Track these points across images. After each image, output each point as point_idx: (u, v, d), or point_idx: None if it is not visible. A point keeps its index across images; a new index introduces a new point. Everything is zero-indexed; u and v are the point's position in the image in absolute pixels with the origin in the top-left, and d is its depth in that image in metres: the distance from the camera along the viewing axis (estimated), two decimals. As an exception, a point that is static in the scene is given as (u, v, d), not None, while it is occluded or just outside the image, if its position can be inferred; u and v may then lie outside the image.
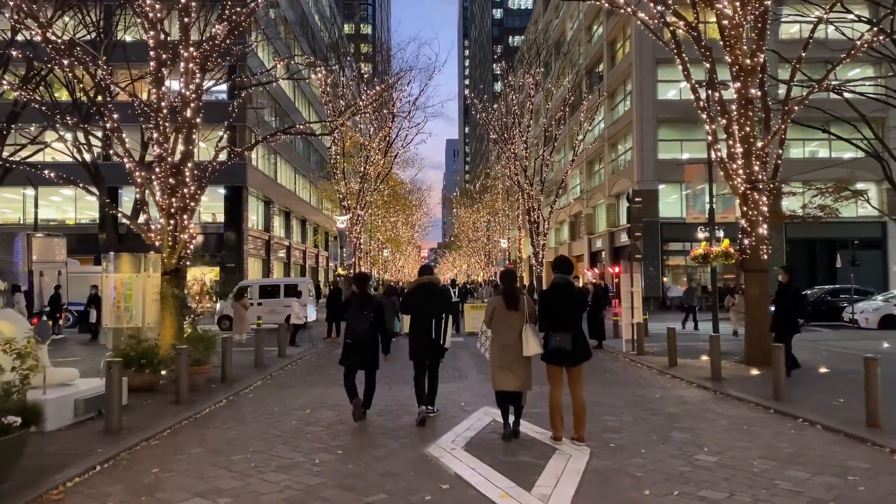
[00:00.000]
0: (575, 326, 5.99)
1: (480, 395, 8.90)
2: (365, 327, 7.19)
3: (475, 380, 10.46)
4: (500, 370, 6.17)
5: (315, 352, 15.19)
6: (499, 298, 6.30)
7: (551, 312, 6.00)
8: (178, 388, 8.43)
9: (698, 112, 13.32)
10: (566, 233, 51.80)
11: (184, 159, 11.94)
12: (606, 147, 40.22)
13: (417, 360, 7.32)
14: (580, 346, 5.96)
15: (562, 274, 6.11)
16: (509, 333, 6.13)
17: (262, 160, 40.40)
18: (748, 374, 11.04)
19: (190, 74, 12.05)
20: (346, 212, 36.38)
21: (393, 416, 7.69)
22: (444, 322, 7.13)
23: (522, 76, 36.81)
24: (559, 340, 5.87)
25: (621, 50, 38.99)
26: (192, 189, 12.03)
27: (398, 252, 68.63)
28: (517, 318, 6.12)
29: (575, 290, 6.07)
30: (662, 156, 34.78)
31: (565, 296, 6.00)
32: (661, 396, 8.92)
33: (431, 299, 7.18)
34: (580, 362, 6.00)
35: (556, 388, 6.07)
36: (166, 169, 11.61)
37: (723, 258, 13.55)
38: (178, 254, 11.61)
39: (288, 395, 9.28)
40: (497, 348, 6.21)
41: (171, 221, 11.71)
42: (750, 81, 12.29)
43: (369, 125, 38.06)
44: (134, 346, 9.27)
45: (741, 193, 12.29)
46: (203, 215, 37.49)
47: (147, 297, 10.36)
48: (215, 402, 8.64)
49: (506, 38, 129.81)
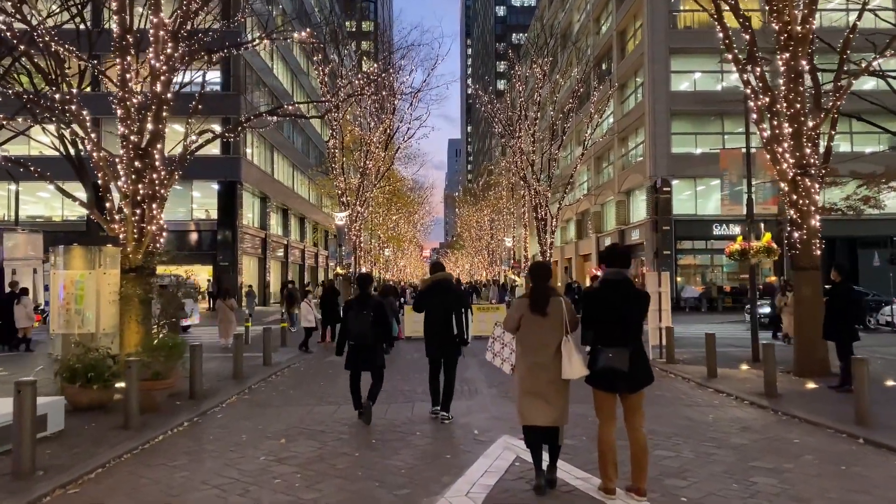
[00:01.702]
0: (634, 339, 4.44)
1: (496, 419, 7.34)
2: (367, 328, 7.04)
3: (487, 396, 8.89)
4: (529, 398, 4.62)
5: (305, 359, 13.62)
6: (524, 301, 4.75)
7: (601, 320, 4.46)
8: (126, 410, 6.89)
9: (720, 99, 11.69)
10: (573, 231, 50.21)
11: (152, 140, 10.41)
12: (616, 142, 38.65)
13: (432, 358, 7.31)
14: (640, 366, 4.41)
15: (617, 268, 4.55)
16: (542, 349, 4.59)
17: (257, 155, 38.89)
18: (803, 387, 9.49)
19: (161, 44, 10.55)
20: (344, 208, 34.86)
21: (387, 448, 6.13)
22: (462, 316, 7.11)
23: (530, 66, 35.28)
24: (612, 358, 4.31)
25: (632, 40, 37.42)
26: (161, 174, 10.51)
27: (400, 251, 67.11)
28: (552, 328, 4.58)
29: (634, 291, 4.51)
30: (676, 150, 33.21)
31: (622, 298, 4.44)
32: (714, 419, 7.36)
33: (445, 296, 7.17)
34: (641, 387, 4.45)
35: (607, 423, 4.50)
36: (130, 149, 10.10)
37: (764, 254, 12.00)
38: (146, 248, 10.09)
39: (264, 415, 7.73)
40: (525, 368, 4.66)
41: (136, 211, 10.20)
42: (801, 51, 10.71)
43: (370, 119, 36.53)
44: (80, 355, 7.74)
45: (790, 180, 10.73)
46: (196, 212, 36.02)
47: (102, 298, 8.82)
48: (174, 425, 7.10)
49: (509, 36, 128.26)
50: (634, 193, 37.10)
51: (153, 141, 10.42)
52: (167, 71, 10.56)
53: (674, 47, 33.31)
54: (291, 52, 46.88)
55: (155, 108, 10.48)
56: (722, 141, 33.85)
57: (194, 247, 35.27)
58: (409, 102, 35.60)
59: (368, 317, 7.04)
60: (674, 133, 33.38)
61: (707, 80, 34.43)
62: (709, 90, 33.91)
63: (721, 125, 34.05)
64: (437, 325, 7.13)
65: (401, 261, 76.17)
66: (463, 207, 71.80)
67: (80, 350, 7.85)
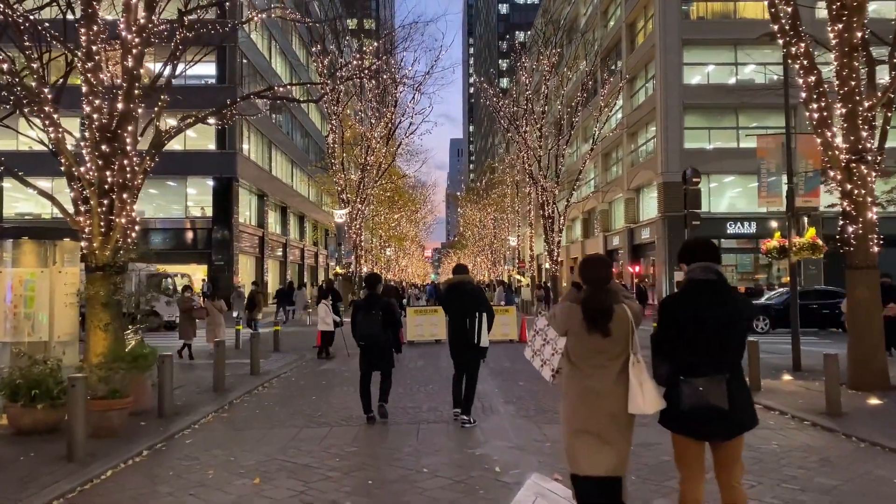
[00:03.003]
0: (734, 365, 3.21)
1: (520, 449, 6.07)
2: (376, 328, 7.03)
3: (505, 416, 7.63)
4: (583, 439, 3.36)
5: (297, 367, 12.38)
6: (574, 309, 3.43)
7: (686, 339, 3.22)
8: (70, 438, 5.67)
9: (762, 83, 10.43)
10: (579, 230, 48.93)
11: (122, 121, 9.19)
12: (625, 137, 37.34)
13: (456, 362, 7.15)
14: (742, 401, 3.17)
15: (705, 263, 3.31)
16: (599, 371, 3.34)
17: (254, 150, 37.65)
18: (866, 403, 8.24)
19: (133, 13, 9.34)
20: (344, 205, 33.65)
21: (387, 493, 4.89)
22: (478, 320, 6.87)
23: (537, 58, 34.04)
24: (704, 392, 3.07)
25: (642, 32, 36.14)
26: (133, 161, 9.31)
27: (401, 251, 65.92)
28: (614, 343, 3.33)
29: (733, 298, 3.26)
30: (689, 145, 31.93)
31: (719, 306, 3.20)
32: (781, 448, 6.12)
33: (464, 298, 7.01)
34: (743, 430, 3.21)
35: (694, 481, 3.26)
36: (95, 131, 8.89)
37: (808, 251, 10.76)
38: (114, 244, 8.88)
39: (241, 441, 6.49)
40: (577, 396, 3.40)
41: (103, 201, 8.99)
42: (856, 22, 9.46)
43: (370, 113, 35.34)
44: (24, 369, 6.52)
45: (843, 166, 9.48)
46: (192, 209, 34.82)
47: (57, 301, 7.61)
48: (130, 455, 5.88)
49: (512, 34, 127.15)
50: (645, 190, 35.85)
51: (123, 122, 9.21)
52: (140, 44, 9.36)
53: (687, 38, 32.04)
54: (291, 46, 45.67)
55: (126, 86, 9.29)
56: (736, 136, 32.62)
57: (189, 245, 34.06)
58: (411, 96, 34.40)
59: (377, 317, 7.02)
60: (686, 128, 32.11)
61: (721, 73, 33.18)
62: (723, 83, 32.70)
63: (735, 119, 32.80)
64: (458, 329, 6.97)
65: (402, 260, 74.96)
66: (466, 206, 70.55)
67: (23, 361, 6.63)
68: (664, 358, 3.30)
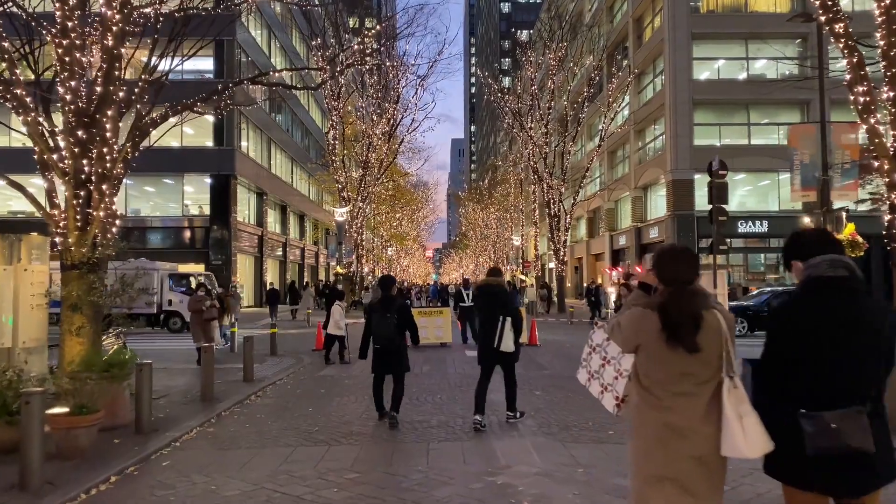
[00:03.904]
0: (876, 392, 2.39)
1: (549, 477, 5.23)
2: (391, 331, 6.97)
3: (526, 434, 6.77)
4: (661, 488, 2.49)
5: (294, 373, 11.56)
6: (647, 317, 2.59)
7: (811, 358, 2.40)
8: (22, 464, 4.85)
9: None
10: (583, 229, 48.09)
11: (101, 105, 8.39)
12: (632, 134, 36.51)
13: (482, 365, 7.08)
14: (883, 442, 2.36)
15: (832, 255, 2.47)
16: (683, 401, 2.52)
17: (253, 148, 36.84)
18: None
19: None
20: (345, 203, 32.84)
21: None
22: (501, 325, 6.74)
23: (542, 53, 33.23)
24: (838, 430, 2.25)
25: (650, 27, 35.33)
26: (113, 148, 8.51)
27: (403, 250, 65.13)
28: (702, 364, 2.52)
29: (874, 301, 2.42)
30: (699, 142, 31.11)
31: (855, 316, 2.38)
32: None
33: (491, 301, 6.96)
34: (882, 484, 2.40)
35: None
36: (71, 115, 8.09)
37: (848, 249, 9.93)
38: (91, 240, 8.07)
39: (225, 466, 5.66)
40: (652, 431, 2.57)
41: (80, 192, 8.20)
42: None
43: (372, 109, 34.57)
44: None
45: (892, 155, 8.66)
46: (191, 207, 34.02)
47: (23, 302, 6.79)
48: (94, 483, 5.06)
49: (514, 34, 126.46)
50: (653, 188, 35.04)
51: (102, 107, 8.41)
52: (122, 20, 8.55)
53: (696, 32, 31.23)
54: (291, 42, 44.85)
55: (106, 66, 8.48)
56: (747, 132, 31.83)
57: (187, 245, 33.26)
58: (413, 91, 33.61)
59: (392, 320, 6.96)
60: (696, 124, 31.29)
61: (731, 68, 32.38)
62: (734, 78, 31.90)
63: (746, 115, 32.00)
64: (485, 331, 6.92)
65: (404, 260, 74.15)
66: (468, 205, 69.70)
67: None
68: (782, 367, 2.47)
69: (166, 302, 21.12)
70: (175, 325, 20.78)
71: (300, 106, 47.51)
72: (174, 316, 21.06)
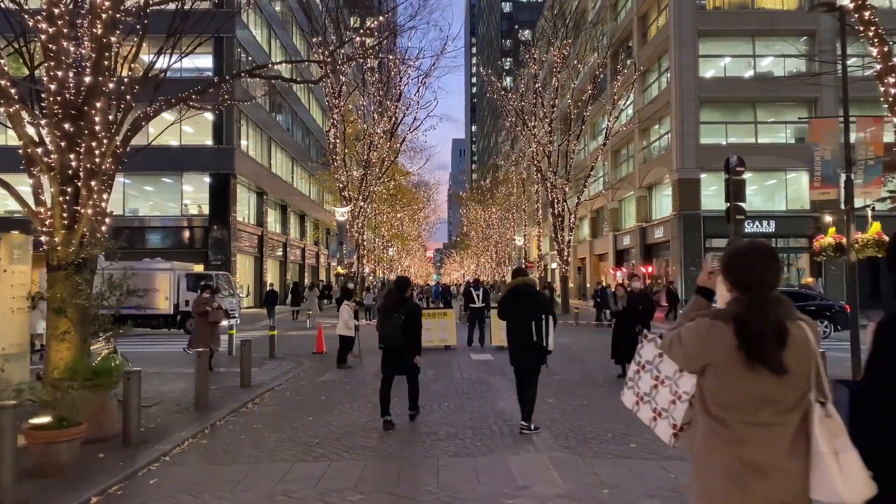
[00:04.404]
0: None
1: (574, 499, 4.76)
2: (396, 332, 6.96)
3: (542, 447, 6.30)
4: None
5: (293, 378, 11.10)
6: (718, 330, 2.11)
7: None
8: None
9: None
10: (586, 229, 47.61)
11: (90, 96, 7.95)
12: (637, 133, 36.05)
13: (516, 366, 7.02)
14: None
15: None
16: (763, 433, 2.06)
17: (253, 146, 36.38)
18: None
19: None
20: (346, 203, 32.40)
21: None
22: (544, 323, 6.78)
23: (546, 49, 32.77)
24: None
25: (654, 24, 34.88)
26: (102, 142, 8.06)
27: (405, 250, 64.70)
28: (787, 393, 2.05)
29: None
30: (705, 140, 30.65)
31: None
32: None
33: (529, 301, 6.90)
34: None
35: None
36: (57, 107, 7.65)
37: (874, 248, 9.49)
38: (79, 239, 7.62)
39: (216, 484, 5.20)
40: (723, 467, 2.09)
41: (66, 189, 7.75)
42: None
43: (373, 107, 34.14)
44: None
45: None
46: (190, 207, 33.56)
47: (2, 305, 6.34)
48: (73, 503, 4.61)
49: (515, 33, 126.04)
50: (658, 188, 34.60)
51: (91, 98, 7.96)
52: (111, 7, 8.10)
53: (702, 29, 30.77)
54: (291, 40, 44.41)
55: (95, 56, 8.04)
56: (754, 131, 31.38)
57: (186, 245, 32.78)
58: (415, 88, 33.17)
59: (399, 320, 6.94)
60: (702, 122, 30.82)
61: (738, 66, 31.91)
62: (740, 76, 31.44)
63: (753, 114, 31.55)
64: (520, 333, 6.81)
65: (405, 260, 73.70)
66: (470, 205, 69.24)
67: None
68: (877, 414, 2.02)
69: (183, 302, 20.67)
70: (192, 327, 20.26)
71: (301, 105, 47.08)
72: (191, 317, 20.66)
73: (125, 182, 31.66)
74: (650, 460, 5.71)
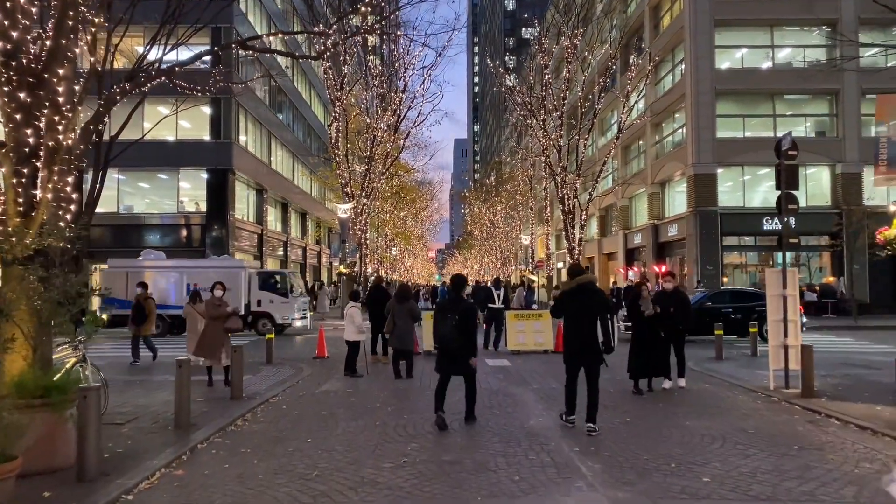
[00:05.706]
0: None
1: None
2: (451, 332, 6.84)
3: (597, 484, 5.03)
4: None
5: (291, 386, 9.91)
6: None
7: None
8: None
9: None
10: (595, 228, 46.38)
11: (50, 59, 6.80)
12: (649, 128, 34.81)
13: (570, 366, 6.94)
14: None
15: None
16: None
17: (252, 142, 35.23)
18: None
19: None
20: (348, 199, 31.23)
21: None
22: (608, 322, 6.72)
23: (557, 40, 31.61)
24: None
25: (668, 15, 33.67)
26: (66, 115, 6.92)
27: (408, 250, 63.55)
28: None
29: None
30: (721, 134, 29.45)
31: None
32: None
33: (591, 299, 6.74)
34: None
35: None
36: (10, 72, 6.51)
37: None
38: (38, 228, 6.47)
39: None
40: None
41: (22, 169, 6.62)
42: None
43: (377, 100, 32.99)
44: None
45: None
46: (187, 204, 32.41)
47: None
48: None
49: (518, 31, 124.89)
50: (671, 184, 33.38)
51: (52, 63, 6.81)
52: (75, -41, 6.95)
53: (719, 19, 29.55)
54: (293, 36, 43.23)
55: (58, 13, 6.89)
56: (773, 124, 30.13)
57: (182, 243, 31.61)
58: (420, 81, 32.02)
59: (453, 321, 6.85)
60: (719, 115, 29.59)
61: (755, 56, 30.69)
62: (758, 67, 30.22)
63: (772, 106, 30.32)
64: (581, 332, 6.73)
65: (408, 260, 72.51)
66: (474, 203, 68.04)
67: None
68: None
69: (255, 302, 19.81)
70: (265, 327, 19.06)
71: (301, 100, 45.93)
72: (263, 317, 19.80)
73: (119, 178, 30.56)
74: (732, 501, 4.53)
